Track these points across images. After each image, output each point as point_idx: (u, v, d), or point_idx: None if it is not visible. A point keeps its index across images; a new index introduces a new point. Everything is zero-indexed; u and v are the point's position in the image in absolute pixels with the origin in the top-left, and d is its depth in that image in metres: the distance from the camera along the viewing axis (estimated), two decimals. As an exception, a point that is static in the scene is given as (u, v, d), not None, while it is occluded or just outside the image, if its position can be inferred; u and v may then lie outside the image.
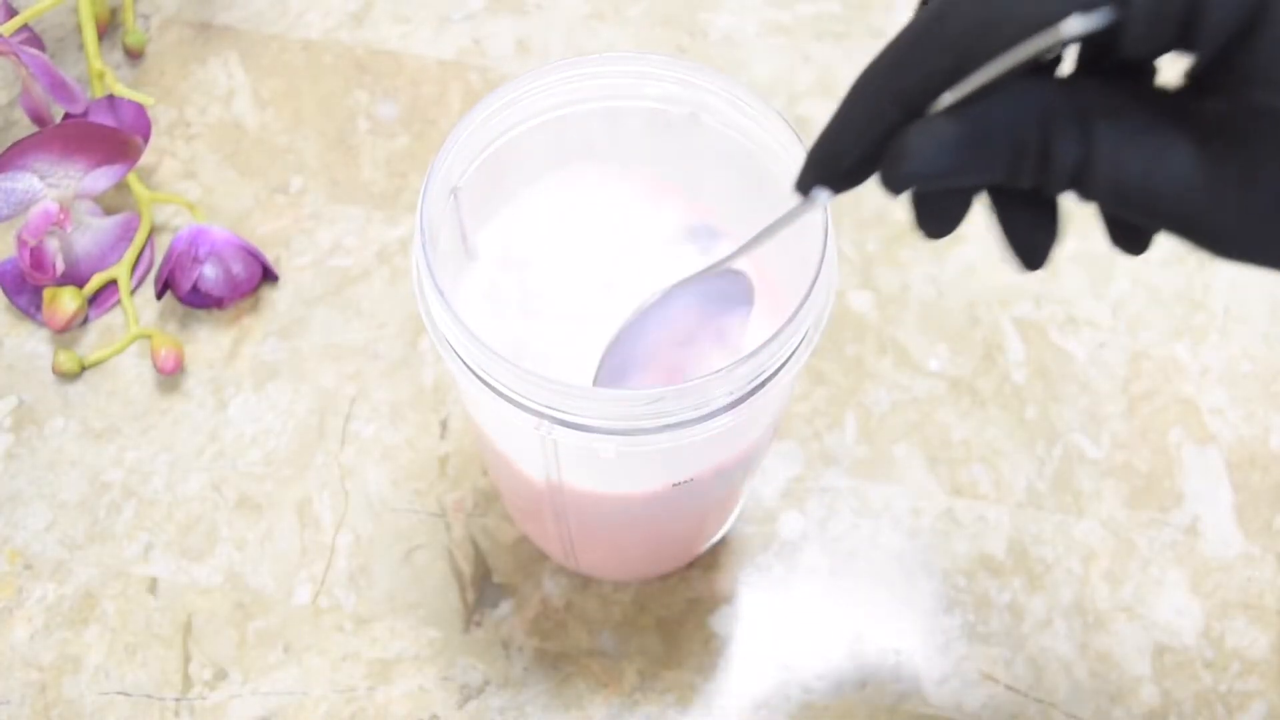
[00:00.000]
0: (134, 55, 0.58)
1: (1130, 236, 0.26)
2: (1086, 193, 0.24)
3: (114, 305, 0.52)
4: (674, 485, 0.36)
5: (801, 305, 0.31)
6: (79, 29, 0.55)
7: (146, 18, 0.59)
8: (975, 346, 0.51)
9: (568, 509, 0.39)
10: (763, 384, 0.32)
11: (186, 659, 0.45)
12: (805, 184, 0.25)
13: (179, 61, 0.58)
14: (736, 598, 0.46)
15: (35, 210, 0.49)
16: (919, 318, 0.51)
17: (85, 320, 0.52)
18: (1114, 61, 0.23)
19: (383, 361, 0.50)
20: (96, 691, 0.45)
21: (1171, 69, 0.24)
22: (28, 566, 0.47)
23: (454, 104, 0.57)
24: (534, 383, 0.31)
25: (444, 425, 0.49)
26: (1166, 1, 0.21)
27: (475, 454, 0.49)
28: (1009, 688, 0.45)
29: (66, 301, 0.50)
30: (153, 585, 0.46)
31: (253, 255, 0.51)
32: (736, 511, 0.47)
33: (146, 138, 0.52)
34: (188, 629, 0.46)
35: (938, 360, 0.51)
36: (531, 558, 0.47)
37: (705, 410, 0.31)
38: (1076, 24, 0.21)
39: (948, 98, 0.24)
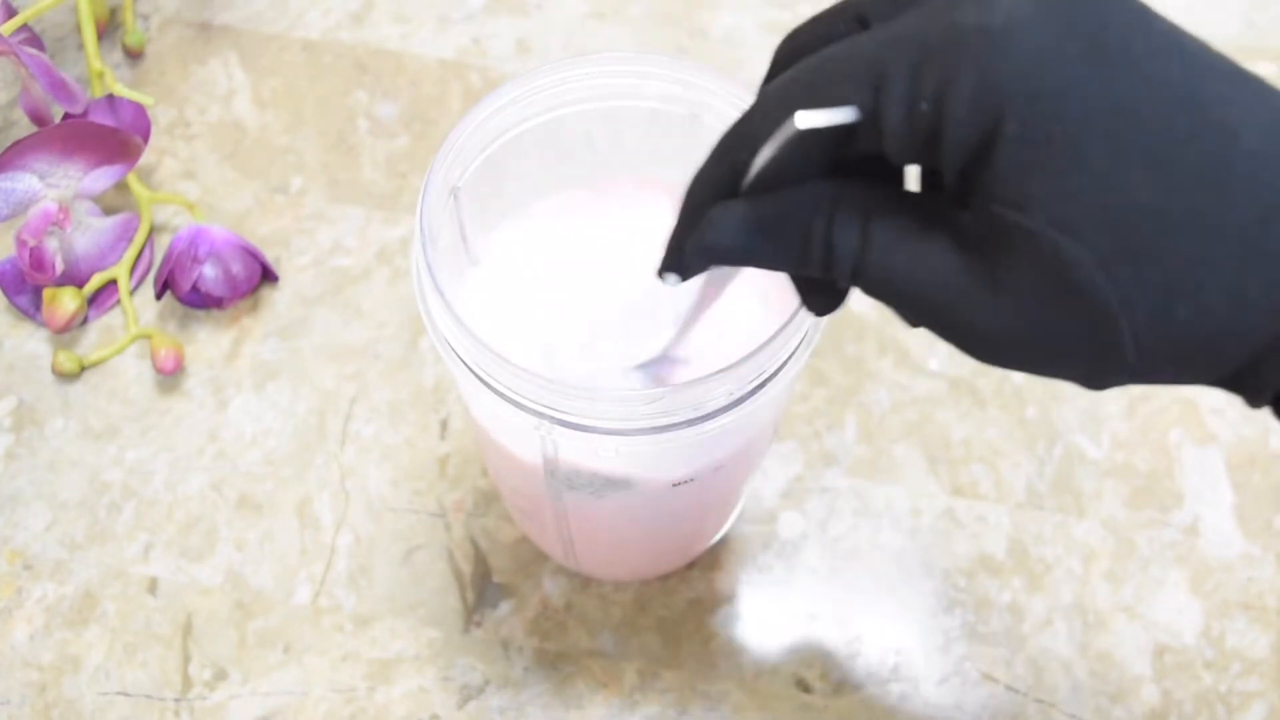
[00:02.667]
0: (134, 55, 0.58)
1: (826, 299, 0.28)
2: (863, 286, 0.25)
3: (114, 305, 0.52)
4: (674, 485, 0.36)
5: (801, 305, 0.31)
6: (79, 29, 0.55)
7: (146, 18, 0.59)
8: (975, 346, 0.51)
9: (568, 509, 0.39)
10: (763, 384, 0.32)
11: (186, 659, 0.45)
12: (659, 272, 0.28)
13: (179, 61, 0.58)
14: (736, 598, 0.46)
15: (35, 210, 0.49)
16: (919, 318, 0.51)
17: (85, 320, 0.52)
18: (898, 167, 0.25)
19: (383, 361, 0.50)
20: (96, 691, 0.45)
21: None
22: (28, 566, 0.47)
23: (454, 104, 0.57)
24: (534, 383, 0.31)
25: (444, 425, 0.49)
26: (913, 120, 0.23)
27: (475, 454, 0.49)
28: (1009, 688, 0.45)
29: (66, 301, 0.50)
30: (153, 585, 0.46)
31: (253, 255, 0.51)
32: (736, 511, 0.47)
33: (146, 138, 0.52)
34: (188, 629, 0.46)
35: (938, 360, 0.51)
36: (531, 558, 0.47)
37: (705, 410, 0.31)
38: (803, 119, 0.23)
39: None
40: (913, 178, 0.26)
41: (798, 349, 0.32)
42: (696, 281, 0.29)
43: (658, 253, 0.28)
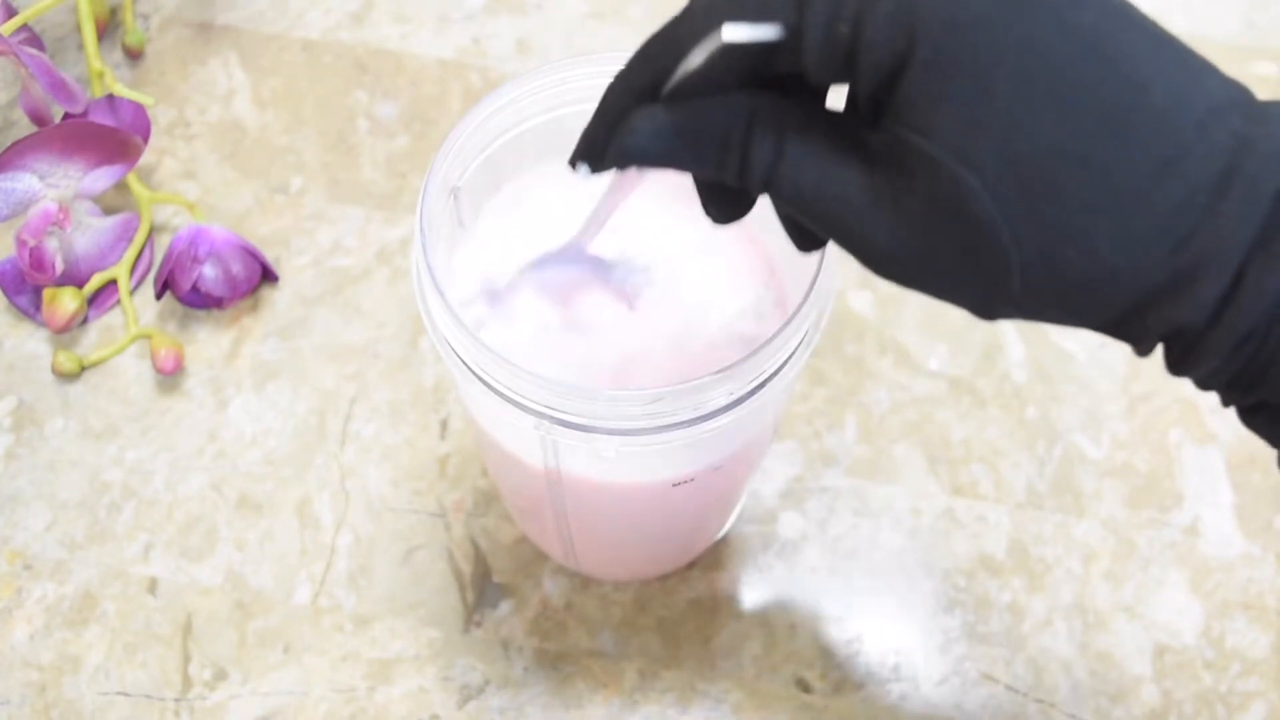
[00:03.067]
0: (134, 55, 0.58)
1: (805, 237, 0.29)
2: (773, 194, 0.26)
3: (114, 305, 0.52)
4: (674, 485, 0.36)
5: (801, 305, 0.31)
6: (79, 29, 0.55)
7: (146, 17, 0.59)
8: (975, 346, 0.51)
9: (568, 509, 0.39)
10: (763, 384, 0.32)
11: (186, 659, 0.45)
12: (571, 161, 0.28)
13: (179, 61, 0.58)
14: (736, 598, 0.46)
15: (35, 210, 0.49)
16: (918, 318, 0.51)
17: (85, 320, 0.52)
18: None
19: (383, 361, 0.50)
20: (96, 691, 0.45)
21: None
22: (28, 566, 0.47)
23: (454, 104, 0.57)
24: (534, 383, 0.31)
25: (444, 425, 0.49)
26: (832, 40, 0.24)
27: (475, 454, 0.49)
28: (1009, 688, 0.45)
29: (66, 301, 0.50)
30: (153, 585, 0.46)
31: (253, 255, 0.51)
32: (736, 511, 0.47)
33: (146, 138, 0.52)
34: (188, 629, 0.46)
35: (938, 360, 0.51)
36: (531, 558, 0.47)
37: (705, 410, 0.31)
38: (730, 32, 0.24)
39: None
40: (839, 98, 0.27)
41: (798, 349, 0.32)
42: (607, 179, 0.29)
43: (571, 143, 0.28)
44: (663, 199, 0.36)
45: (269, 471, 0.48)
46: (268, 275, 0.52)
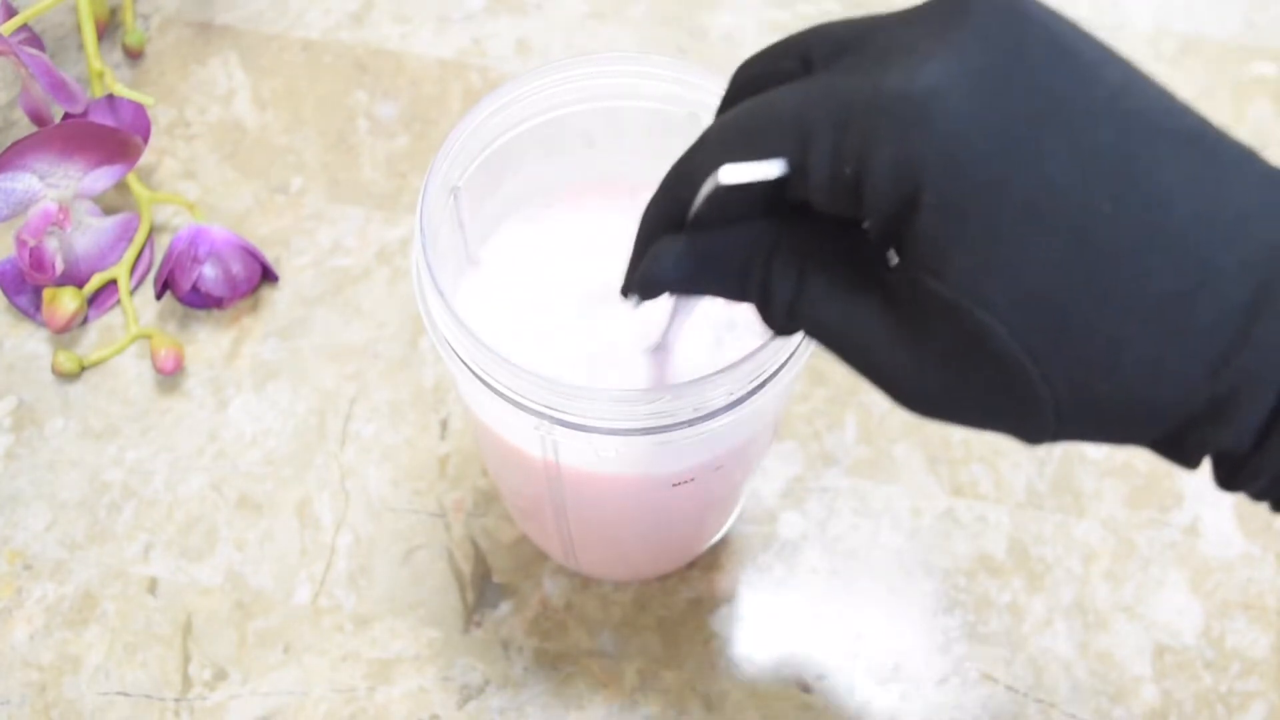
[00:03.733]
0: (134, 55, 0.58)
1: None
2: (799, 329, 0.26)
3: (114, 305, 0.52)
4: (674, 485, 0.36)
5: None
6: (79, 29, 0.55)
7: (146, 18, 0.59)
8: (975, 346, 0.51)
9: (568, 509, 0.39)
10: (763, 384, 0.32)
11: (186, 659, 0.45)
12: (621, 291, 0.28)
13: (179, 61, 0.58)
14: (736, 598, 0.46)
15: (35, 210, 0.49)
16: (919, 318, 0.51)
17: (85, 320, 0.52)
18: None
19: (383, 361, 0.50)
20: (96, 691, 0.45)
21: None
22: (28, 566, 0.47)
23: (454, 104, 0.57)
24: (534, 383, 0.31)
25: (444, 425, 0.49)
26: (837, 181, 0.23)
27: (475, 454, 0.49)
28: (1009, 688, 0.45)
29: (66, 301, 0.50)
30: (153, 585, 0.46)
31: (253, 255, 0.51)
32: (736, 511, 0.47)
33: (146, 138, 0.52)
34: (188, 629, 0.46)
35: (938, 360, 0.50)
36: (531, 558, 0.47)
37: (705, 410, 0.31)
38: (727, 174, 0.24)
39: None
40: None
41: (798, 349, 0.32)
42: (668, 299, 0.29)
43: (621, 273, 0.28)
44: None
45: (269, 471, 0.48)
46: (268, 275, 0.52)
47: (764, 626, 0.46)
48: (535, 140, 0.37)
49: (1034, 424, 0.24)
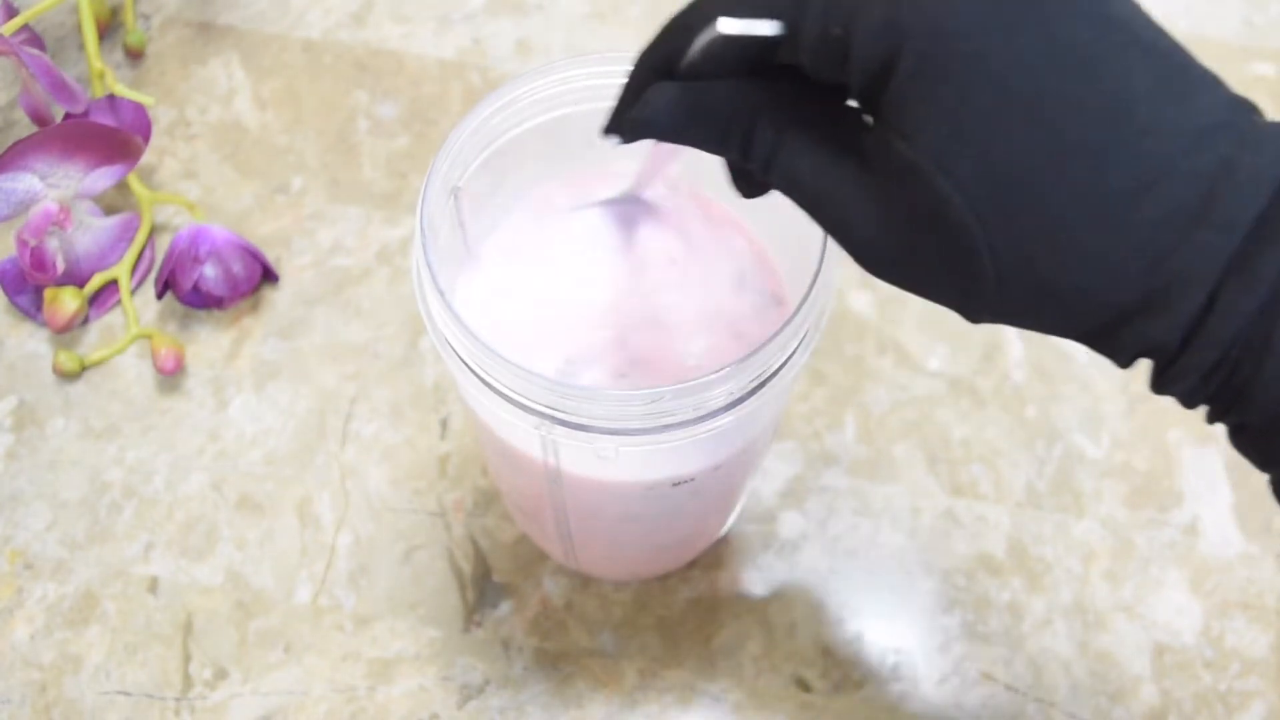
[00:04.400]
0: (134, 55, 0.58)
1: (751, 186, 0.30)
2: (771, 179, 0.27)
3: (114, 305, 0.52)
4: (674, 485, 0.36)
5: (801, 305, 0.31)
6: (79, 29, 0.55)
7: (147, 18, 0.59)
8: (975, 346, 0.51)
9: (568, 509, 0.39)
10: (763, 384, 0.32)
11: (186, 659, 0.45)
12: (602, 131, 0.29)
13: (179, 61, 0.58)
14: (736, 598, 0.46)
15: (35, 210, 0.49)
16: (918, 317, 0.51)
17: (85, 320, 0.52)
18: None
19: (383, 361, 0.50)
20: (96, 691, 0.45)
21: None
22: (28, 566, 0.47)
23: (454, 104, 0.57)
24: (534, 383, 0.31)
25: (444, 425, 0.49)
26: (825, 41, 0.24)
27: (475, 454, 0.49)
28: (1009, 687, 0.45)
29: (67, 301, 0.50)
30: (153, 585, 0.46)
31: (253, 255, 0.51)
32: (736, 511, 0.47)
33: (146, 138, 0.52)
34: (188, 629, 0.46)
35: (937, 360, 0.51)
36: (531, 558, 0.47)
37: (705, 410, 0.31)
38: (724, 25, 0.25)
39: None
40: None
41: (797, 349, 0.32)
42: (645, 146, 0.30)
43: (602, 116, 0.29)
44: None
45: (269, 471, 0.49)
46: (268, 275, 0.52)
47: (764, 626, 0.46)
48: (535, 140, 0.37)
49: (975, 297, 0.25)
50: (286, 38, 0.58)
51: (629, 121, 0.28)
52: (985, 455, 0.49)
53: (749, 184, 0.30)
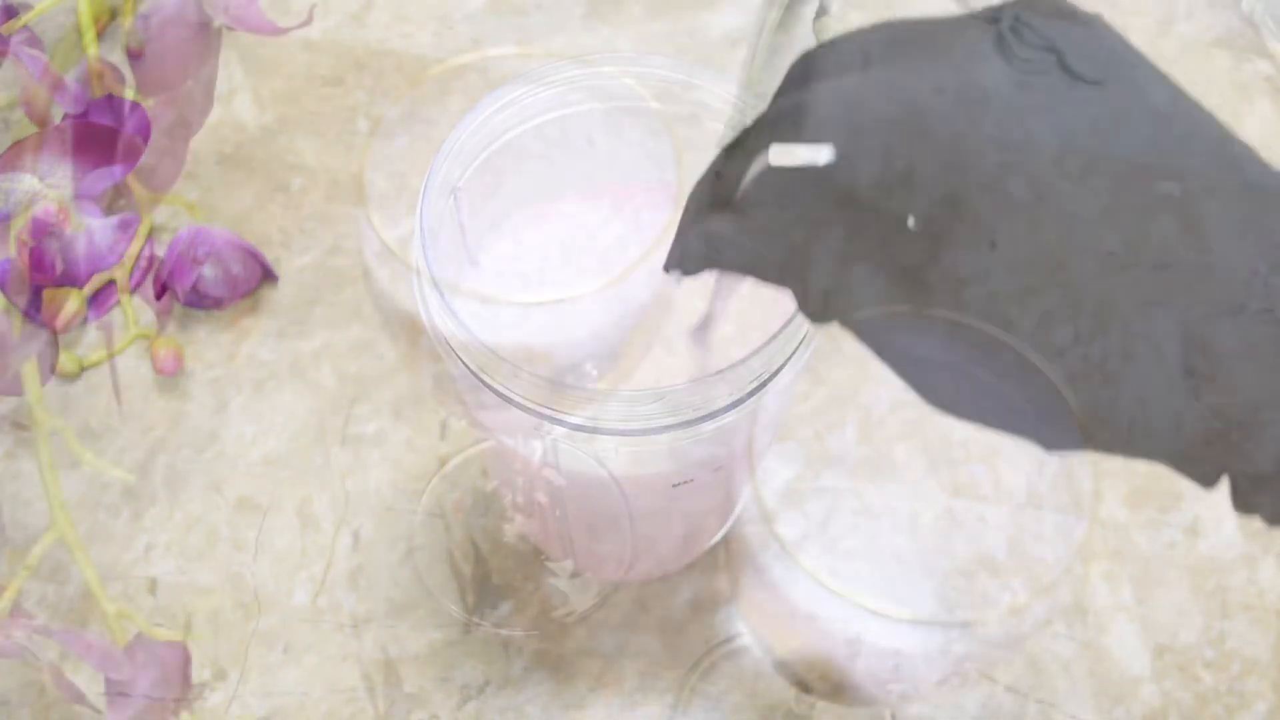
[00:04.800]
0: (134, 55, 0.57)
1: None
2: (832, 317, 0.27)
3: (114, 305, 0.52)
4: (674, 485, 0.36)
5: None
6: (78, 29, 0.55)
7: (146, 18, 0.59)
8: (975, 346, 0.51)
9: (568, 509, 0.39)
10: (763, 384, 0.32)
11: (186, 659, 0.45)
12: (664, 266, 0.29)
13: (179, 61, 0.57)
14: (736, 598, 0.46)
15: (35, 210, 0.49)
16: (919, 318, 0.51)
17: (85, 321, 0.52)
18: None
19: (383, 361, 0.50)
20: (96, 691, 0.44)
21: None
22: (28, 566, 0.47)
23: (454, 104, 0.57)
24: (534, 383, 0.31)
25: (444, 425, 0.49)
26: (887, 170, 0.24)
27: (475, 454, 0.49)
28: (1009, 688, 0.45)
29: (66, 302, 0.50)
30: (153, 585, 0.46)
31: (252, 255, 0.51)
32: (736, 512, 0.47)
33: (146, 138, 0.52)
34: (188, 629, 0.46)
35: (938, 360, 0.50)
36: (531, 558, 0.47)
37: (705, 410, 0.31)
38: (777, 155, 0.25)
39: None
40: None
41: (797, 349, 0.32)
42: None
43: (663, 250, 0.28)
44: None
45: (269, 472, 0.48)
46: (268, 275, 0.52)
47: (764, 627, 0.46)
48: (535, 140, 0.37)
49: (1058, 446, 0.24)
50: (286, 38, 0.58)
51: (686, 257, 0.27)
52: (985, 455, 0.49)
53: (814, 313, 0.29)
